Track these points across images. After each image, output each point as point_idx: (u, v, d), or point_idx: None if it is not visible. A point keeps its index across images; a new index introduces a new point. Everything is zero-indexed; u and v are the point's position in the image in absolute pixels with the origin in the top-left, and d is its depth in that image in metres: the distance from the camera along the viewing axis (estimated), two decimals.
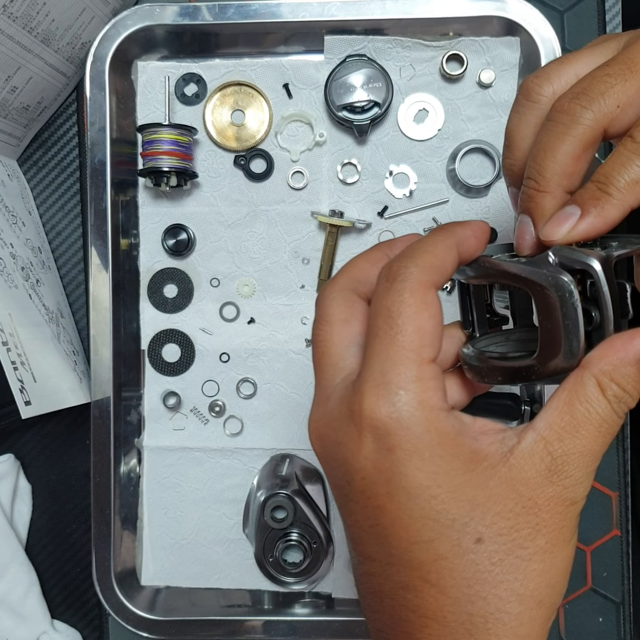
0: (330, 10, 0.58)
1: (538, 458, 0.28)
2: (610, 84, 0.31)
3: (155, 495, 0.63)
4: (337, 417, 0.30)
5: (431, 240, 0.31)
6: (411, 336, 0.28)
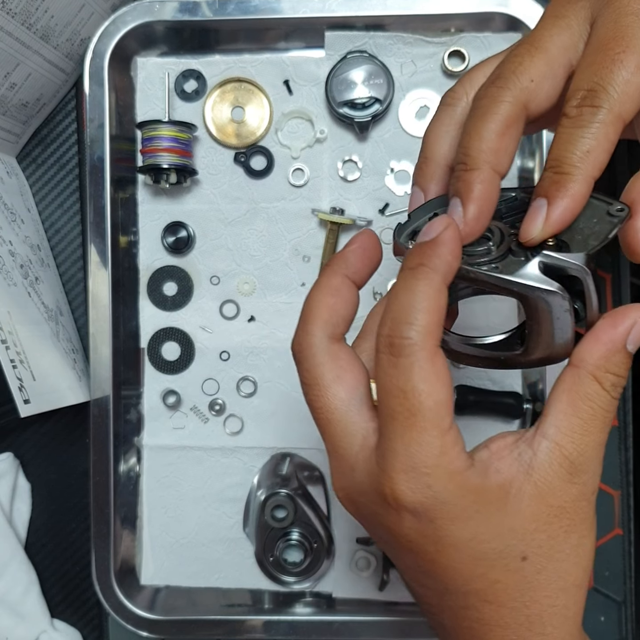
0: (330, 6, 0.58)
1: (557, 465, 0.30)
2: (519, 62, 0.32)
3: (155, 494, 0.63)
4: (368, 491, 0.31)
5: (417, 290, 0.29)
6: (430, 414, 0.29)
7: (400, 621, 0.60)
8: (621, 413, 0.63)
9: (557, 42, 0.33)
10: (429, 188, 0.36)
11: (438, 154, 0.35)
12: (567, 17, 0.33)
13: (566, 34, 0.33)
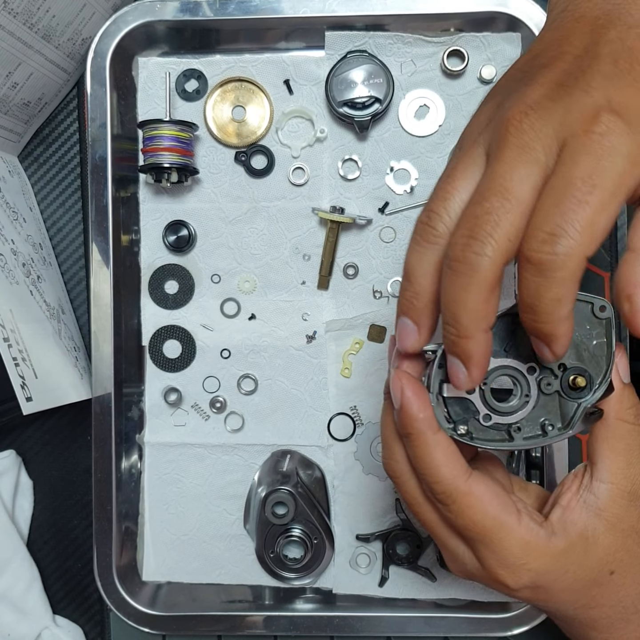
0: (331, 6, 0.58)
1: (619, 499, 0.38)
2: (495, 221, 0.31)
3: (156, 491, 0.64)
4: (485, 577, 0.40)
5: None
6: (495, 528, 0.38)
7: (400, 617, 0.61)
8: None
9: (529, 184, 0.31)
10: (423, 322, 0.36)
11: (428, 291, 0.35)
12: (532, 147, 0.31)
13: (534, 169, 0.31)
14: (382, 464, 0.42)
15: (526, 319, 0.33)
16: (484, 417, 0.38)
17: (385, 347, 0.62)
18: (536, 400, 0.37)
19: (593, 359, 0.37)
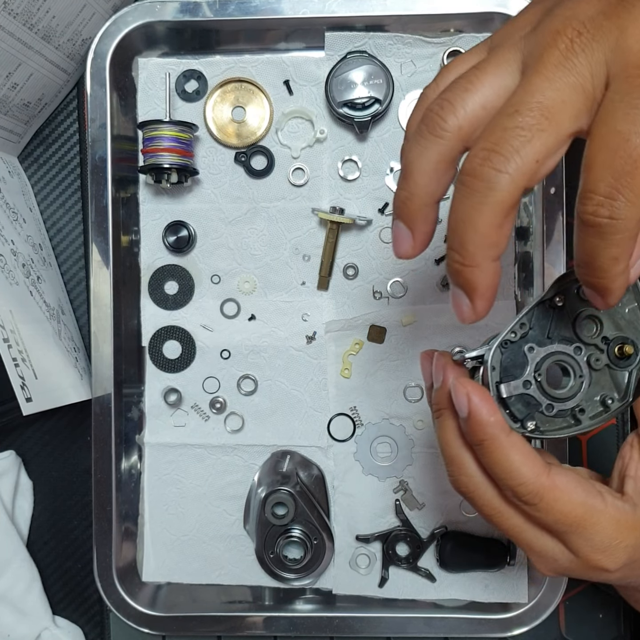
0: (331, 6, 0.58)
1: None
2: (526, 138, 0.28)
3: (156, 492, 0.64)
4: (581, 568, 0.40)
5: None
6: (587, 515, 0.38)
7: (400, 618, 0.60)
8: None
9: (571, 110, 0.29)
10: (416, 227, 0.33)
11: (425, 192, 0.32)
12: (580, 72, 0.28)
13: (580, 97, 0.29)
14: (451, 482, 0.40)
15: (582, 274, 0.31)
16: (547, 407, 0.38)
17: (385, 348, 0.62)
18: (589, 378, 0.38)
19: (630, 325, 0.37)
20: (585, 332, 0.38)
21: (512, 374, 0.37)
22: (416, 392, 0.62)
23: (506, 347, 0.37)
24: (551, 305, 0.38)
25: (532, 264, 0.60)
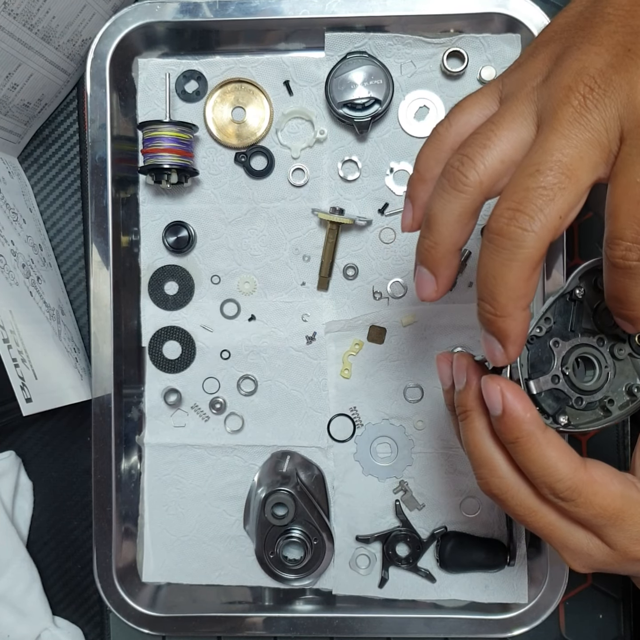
0: (330, 7, 0.58)
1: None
2: (549, 197, 0.30)
3: (156, 492, 0.64)
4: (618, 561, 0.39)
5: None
6: (613, 505, 0.37)
7: (400, 618, 0.60)
8: None
9: (588, 164, 0.30)
10: (440, 273, 0.36)
11: (449, 241, 0.35)
12: (595, 128, 0.30)
13: (596, 151, 0.30)
14: (481, 485, 0.39)
15: (615, 308, 0.33)
16: (576, 400, 0.38)
17: (385, 348, 0.62)
18: (614, 369, 0.38)
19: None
20: (606, 322, 0.38)
21: (540, 369, 0.37)
22: (416, 392, 0.62)
23: (532, 343, 0.37)
24: (572, 298, 0.38)
25: None
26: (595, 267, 0.38)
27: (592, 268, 0.37)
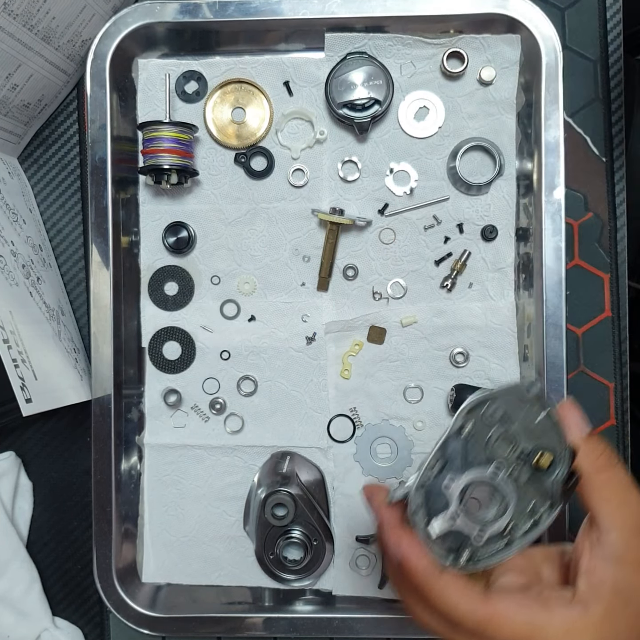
0: (330, 7, 0.58)
1: (633, 539, 0.38)
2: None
3: (155, 493, 0.64)
4: None
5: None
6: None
7: (400, 619, 0.60)
8: (619, 412, 0.64)
9: None
10: None
11: None
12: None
13: None
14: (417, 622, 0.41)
15: None
16: (478, 534, 0.37)
17: (385, 349, 0.62)
18: (516, 495, 0.37)
19: (545, 433, 0.37)
20: (501, 451, 0.37)
21: (438, 509, 0.37)
22: (416, 393, 0.62)
23: (426, 486, 0.37)
24: (461, 435, 0.37)
25: (532, 265, 0.60)
26: (482, 400, 0.37)
27: (483, 399, 0.37)
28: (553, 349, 0.58)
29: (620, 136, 0.63)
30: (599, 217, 0.63)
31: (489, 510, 0.37)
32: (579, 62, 0.63)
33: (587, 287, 0.64)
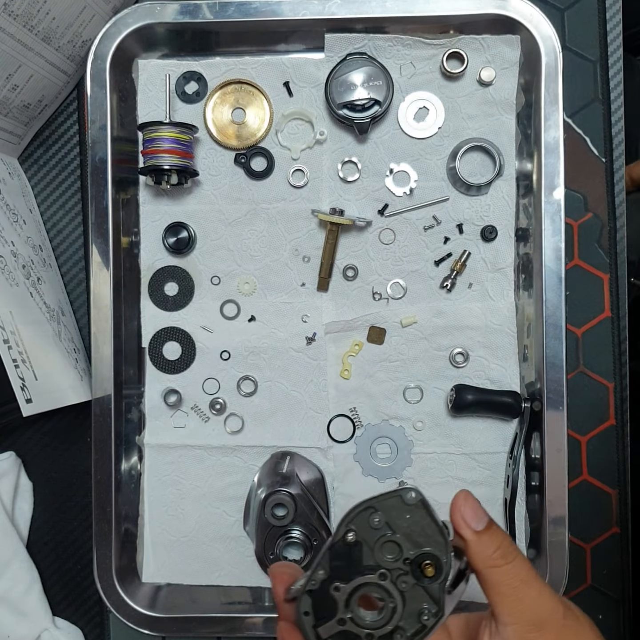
0: (330, 8, 0.58)
1: (527, 634, 0.37)
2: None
3: (156, 493, 0.64)
4: None
5: None
6: None
7: None
8: (619, 412, 0.64)
9: None
10: None
11: None
12: None
13: None
14: None
15: None
16: (366, 636, 0.38)
17: (385, 349, 0.62)
18: (402, 600, 0.37)
19: (430, 538, 0.37)
20: (388, 556, 0.38)
21: (326, 614, 0.38)
22: (416, 393, 0.62)
23: (314, 591, 0.38)
24: (346, 542, 0.38)
25: (531, 265, 0.60)
26: (367, 507, 0.37)
27: (365, 507, 0.38)
28: (553, 349, 0.58)
29: (620, 136, 0.63)
30: (599, 217, 0.63)
31: (377, 615, 0.38)
32: (579, 63, 0.63)
33: (587, 287, 0.64)
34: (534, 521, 0.61)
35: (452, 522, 0.38)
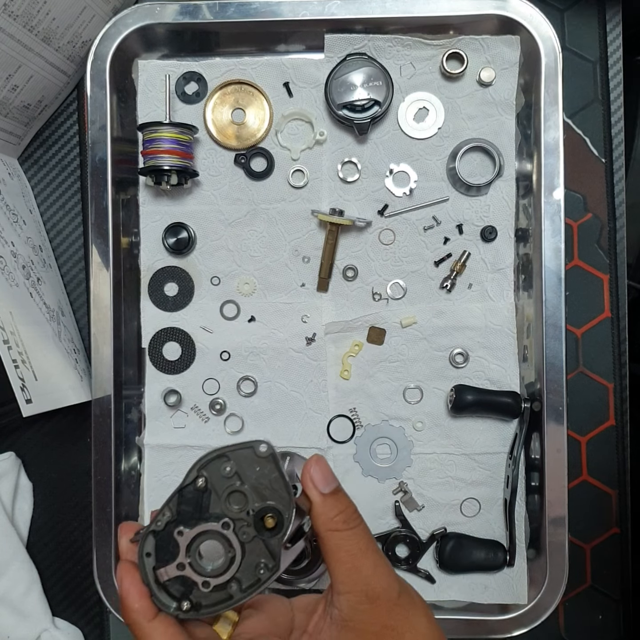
0: (330, 8, 0.58)
1: (359, 605, 0.37)
2: None
3: (156, 493, 0.64)
4: None
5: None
6: None
7: None
8: (618, 413, 0.64)
9: None
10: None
11: None
12: None
13: None
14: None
15: None
16: (203, 584, 0.38)
17: (385, 349, 0.62)
18: (242, 551, 0.38)
19: (276, 493, 0.37)
20: (235, 506, 0.38)
21: (167, 558, 0.38)
22: (416, 393, 0.62)
23: (158, 533, 0.38)
24: (196, 488, 0.38)
25: (531, 265, 0.60)
26: (218, 455, 0.38)
27: (218, 455, 0.38)
28: (552, 350, 0.58)
29: (619, 137, 0.63)
30: (599, 217, 0.64)
31: (216, 563, 0.38)
32: (579, 63, 0.63)
33: (587, 287, 0.64)
34: (533, 521, 0.61)
35: (301, 482, 0.39)
